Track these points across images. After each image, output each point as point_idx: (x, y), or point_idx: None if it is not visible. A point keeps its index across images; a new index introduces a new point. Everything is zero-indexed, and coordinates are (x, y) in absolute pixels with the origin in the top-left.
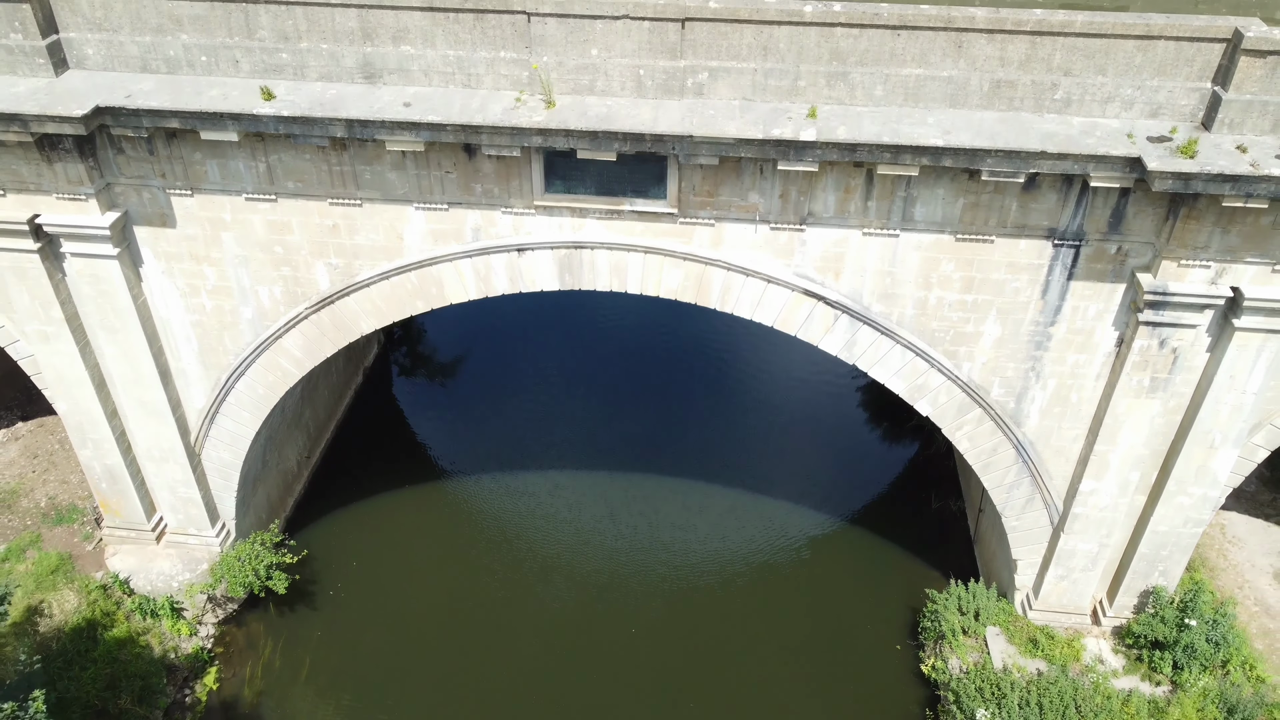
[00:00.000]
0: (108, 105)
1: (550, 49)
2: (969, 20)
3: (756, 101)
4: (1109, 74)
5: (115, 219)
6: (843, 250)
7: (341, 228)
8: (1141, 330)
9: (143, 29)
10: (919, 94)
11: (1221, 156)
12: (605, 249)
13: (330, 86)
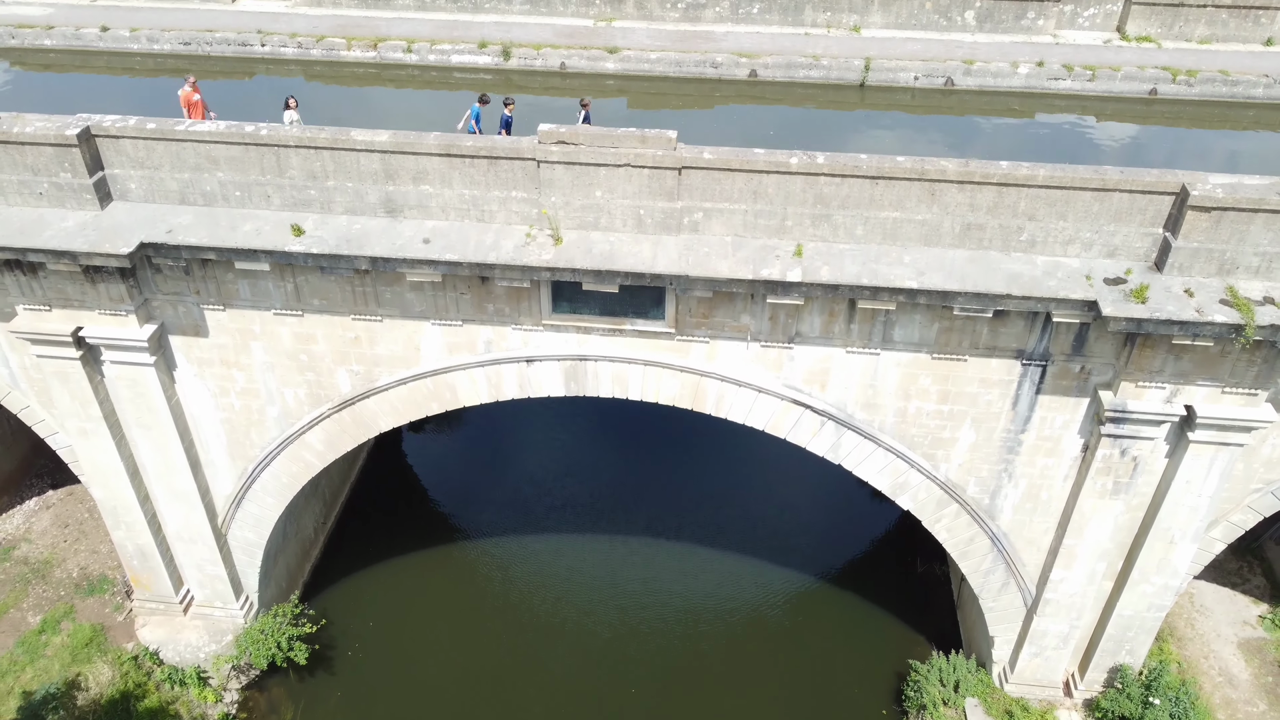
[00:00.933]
0: (150, 241)
1: (558, 190)
2: (941, 172)
3: (747, 238)
4: (1069, 219)
5: (153, 331)
6: (828, 365)
7: (363, 339)
8: (1104, 440)
9: (182, 167)
10: (896, 234)
11: (1171, 301)
12: (608, 361)
13: (355, 220)
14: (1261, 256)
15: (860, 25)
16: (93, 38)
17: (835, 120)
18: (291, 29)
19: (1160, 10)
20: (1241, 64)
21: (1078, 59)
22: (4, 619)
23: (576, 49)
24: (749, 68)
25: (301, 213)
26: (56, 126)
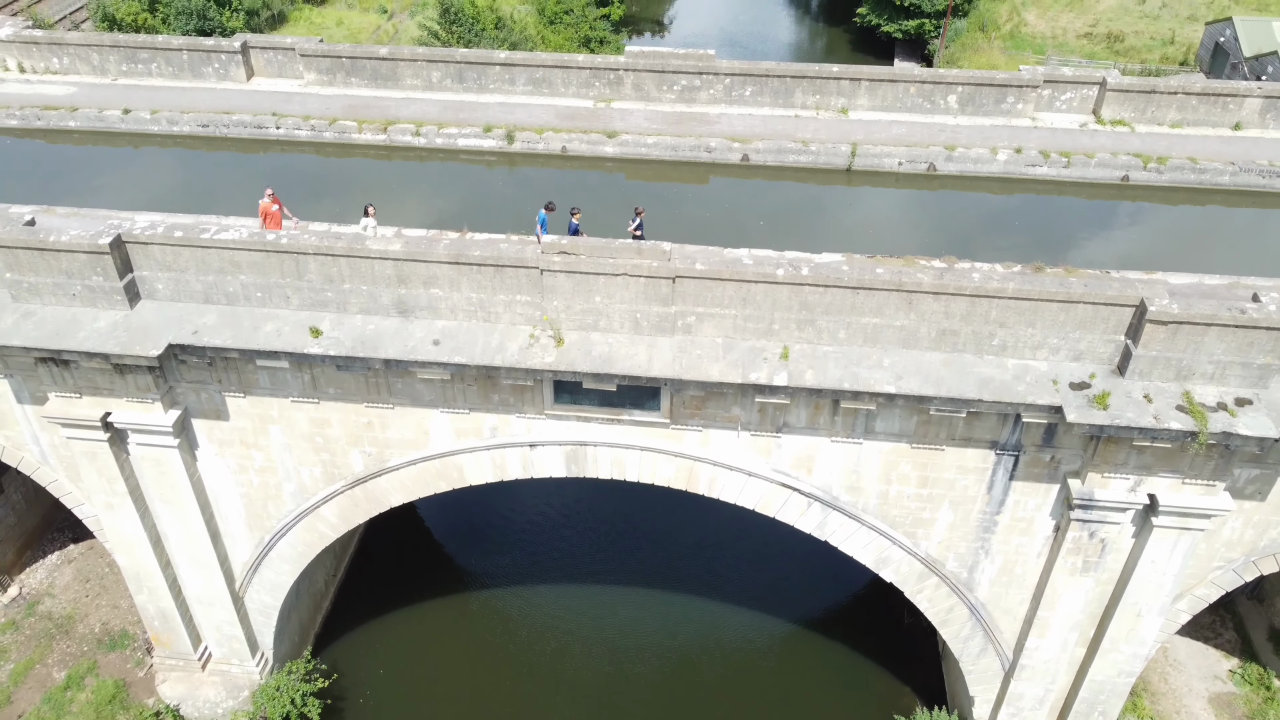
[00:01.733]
0: (178, 342)
1: (560, 295)
2: (917, 284)
3: (737, 340)
4: (1038, 327)
5: (177, 417)
6: (814, 452)
7: (375, 424)
8: (1074, 524)
9: (206, 270)
10: (876, 337)
11: (1131, 407)
12: (607, 447)
13: (369, 320)
14: (1216, 364)
15: (848, 108)
16: (115, 119)
17: (825, 197)
18: (305, 110)
19: (1134, 96)
20: (1211, 149)
21: (1055, 144)
22: (30, 675)
23: (577, 132)
24: (741, 152)
25: (319, 312)
26: (90, 235)
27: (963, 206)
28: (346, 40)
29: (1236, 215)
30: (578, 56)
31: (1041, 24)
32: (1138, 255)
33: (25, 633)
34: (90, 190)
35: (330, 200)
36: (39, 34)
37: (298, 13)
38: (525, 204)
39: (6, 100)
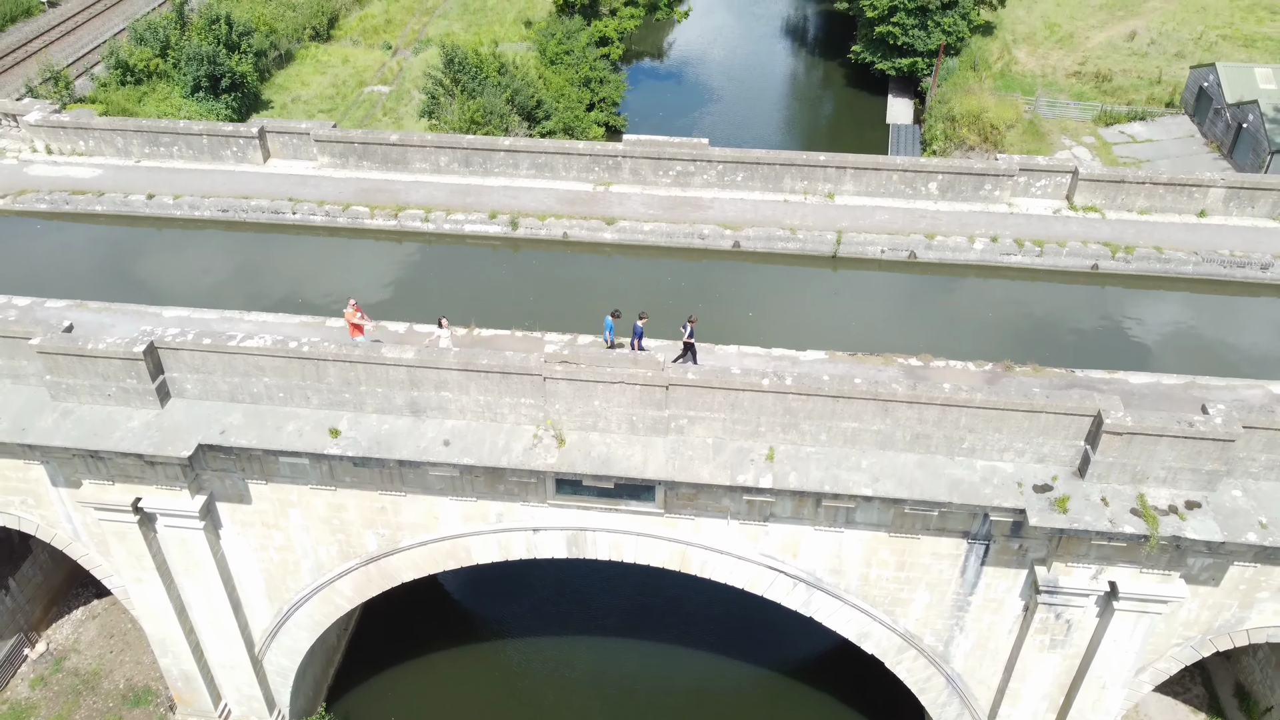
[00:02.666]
0: (206, 443)
1: (561, 399)
2: (892, 394)
3: (727, 440)
4: (1004, 432)
5: (203, 502)
6: (798, 539)
7: (388, 509)
8: (1041, 606)
9: (232, 373)
10: (855, 440)
11: (1089, 511)
12: (605, 532)
13: (384, 420)
14: (1168, 469)
15: (834, 193)
16: (140, 204)
17: (813, 282)
18: (320, 194)
19: (1104, 185)
20: (1176, 237)
21: (1029, 231)
22: None
23: (578, 219)
24: (733, 239)
25: (337, 411)
26: (125, 343)
27: (943, 292)
28: (352, 77)
29: (1200, 302)
30: (578, 144)
31: (1032, 62)
32: (1106, 343)
33: (54, 689)
34: (118, 274)
35: (347, 283)
36: (66, 119)
37: (304, 51)
38: (530, 290)
39: (36, 183)
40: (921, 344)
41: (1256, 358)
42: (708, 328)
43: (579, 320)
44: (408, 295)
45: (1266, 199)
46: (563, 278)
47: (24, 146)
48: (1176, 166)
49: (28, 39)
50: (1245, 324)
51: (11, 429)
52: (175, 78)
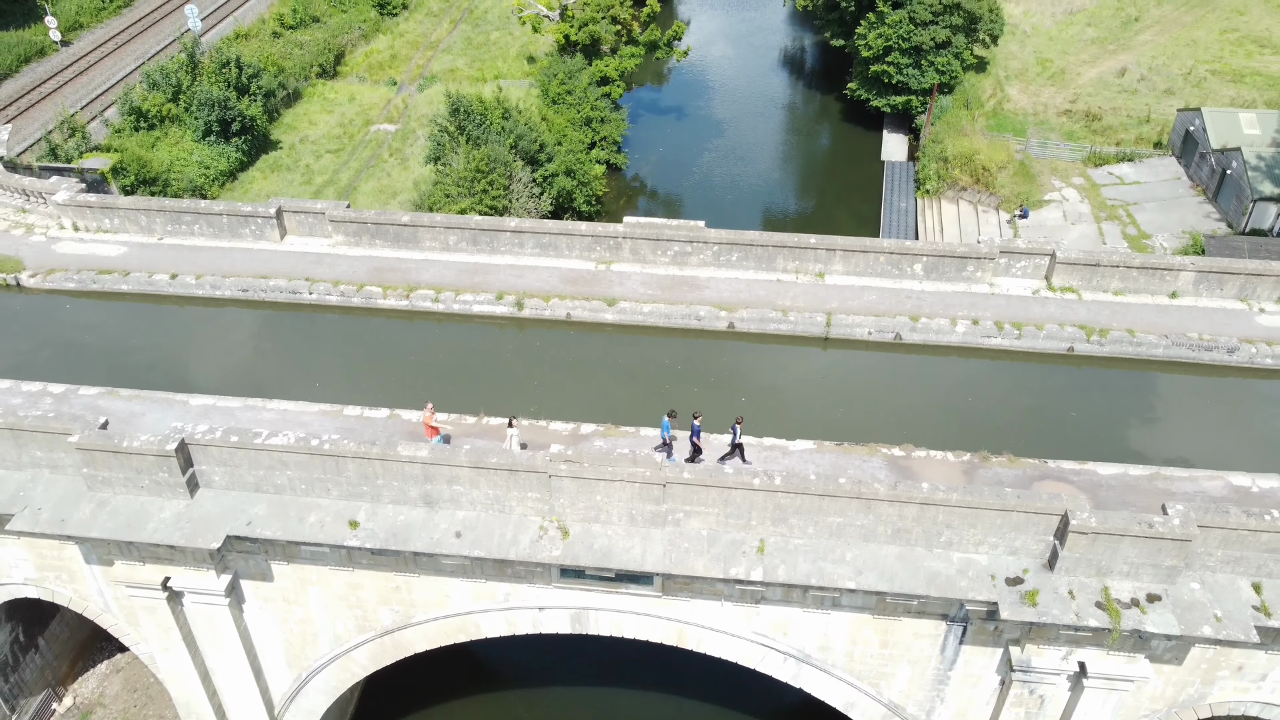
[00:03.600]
0: (234, 534)
1: (565, 495)
2: (874, 493)
3: (720, 532)
4: (979, 528)
5: (228, 581)
6: (788, 619)
7: (402, 588)
8: (1016, 682)
9: (258, 466)
10: (840, 533)
11: (1056, 604)
12: (606, 612)
13: (400, 511)
14: (1130, 564)
15: (824, 272)
16: (164, 283)
17: (804, 362)
18: (335, 274)
19: (1080, 268)
20: (1148, 319)
21: (1009, 313)
22: None
23: (580, 299)
24: (728, 320)
25: (356, 502)
26: (158, 441)
27: (927, 374)
28: (358, 115)
29: (1169, 384)
30: (580, 225)
31: (1024, 99)
32: (1079, 428)
33: None
34: (146, 354)
35: (363, 360)
36: (92, 198)
37: (312, 89)
38: (535, 371)
39: (65, 261)
40: (905, 429)
41: (1219, 444)
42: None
43: (583, 403)
44: (421, 375)
45: (1234, 282)
46: (566, 359)
47: (52, 223)
48: (1163, 209)
49: (42, 79)
50: (1210, 408)
51: (52, 520)
52: (187, 121)
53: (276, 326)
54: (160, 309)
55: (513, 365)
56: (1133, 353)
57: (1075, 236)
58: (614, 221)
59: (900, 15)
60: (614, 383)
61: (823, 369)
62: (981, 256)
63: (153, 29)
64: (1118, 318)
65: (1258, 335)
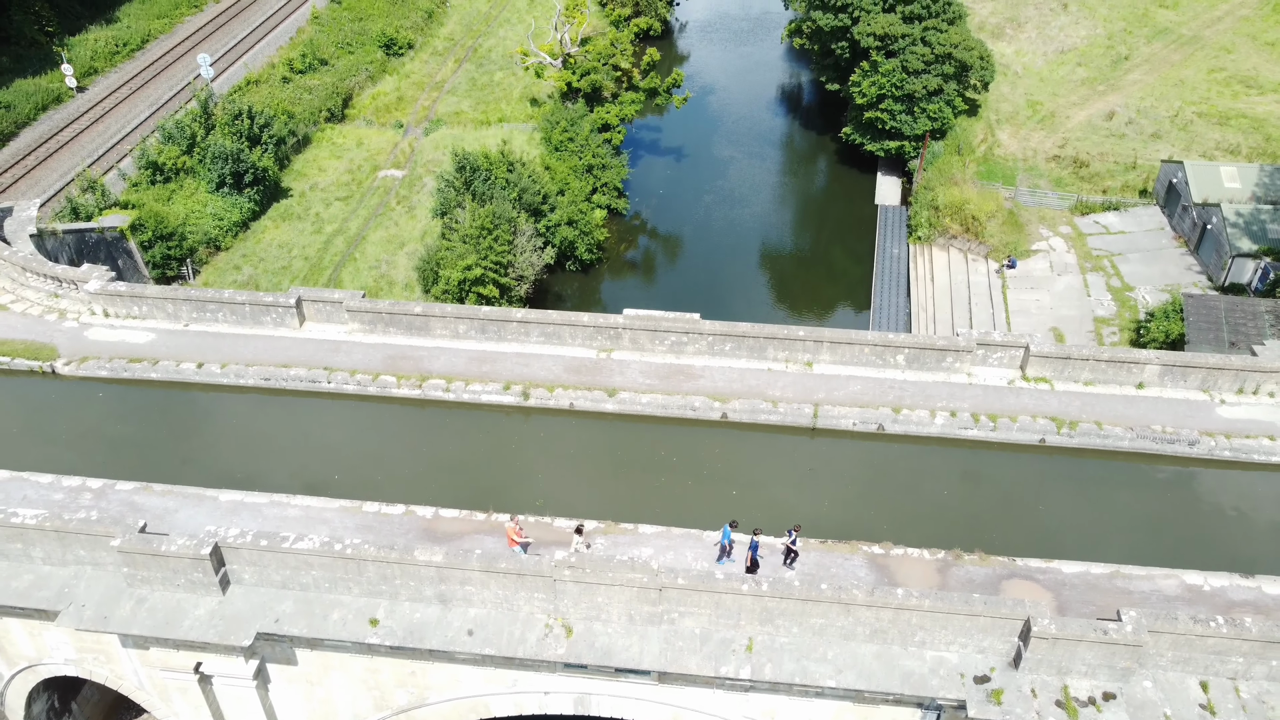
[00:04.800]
0: (263, 631)
1: (569, 597)
2: (853, 599)
3: (713, 630)
4: (949, 629)
5: (256, 666)
6: (775, 706)
7: (418, 673)
8: None
9: (284, 567)
10: (823, 632)
11: (1019, 702)
12: (608, 696)
13: (416, 608)
14: (1088, 665)
15: (812, 362)
16: (190, 372)
17: (793, 452)
18: (351, 362)
19: (1053, 361)
20: (1116, 411)
21: (985, 404)
22: None
23: (582, 389)
24: (721, 411)
25: (375, 599)
26: (193, 545)
27: (907, 465)
28: (366, 161)
29: (1133, 476)
30: (583, 316)
31: (1014, 144)
32: (1048, 521)
33: None
34: (177, 443)
35: (379, 450)
36: (122, 288)
37: (320, 134)
38: (541, 460)
39: (97, 349)
40: (886, 522)
41: (1178, 537)
42: (697, 507)
43: (585, 497)
44: (433, 466)
45: (1196, 375)
46: (569, 450)
47: (84, 309)
48: (1146, 260)
49: (59, 127)
50: (1170, 501)
51: (95, 618)
52: (201, 173)
53: (297, 415)
54: (188, 396)
55: (519, 456)
56: (1100, 444)
57: (1061, 288)
58: (615, 269)
59: (893, 64)
60: (614, 475)
61: (810, 461)
62: (960, 349)
63: (165, 73)
64: (1087, 409)
65: (1217, 428)
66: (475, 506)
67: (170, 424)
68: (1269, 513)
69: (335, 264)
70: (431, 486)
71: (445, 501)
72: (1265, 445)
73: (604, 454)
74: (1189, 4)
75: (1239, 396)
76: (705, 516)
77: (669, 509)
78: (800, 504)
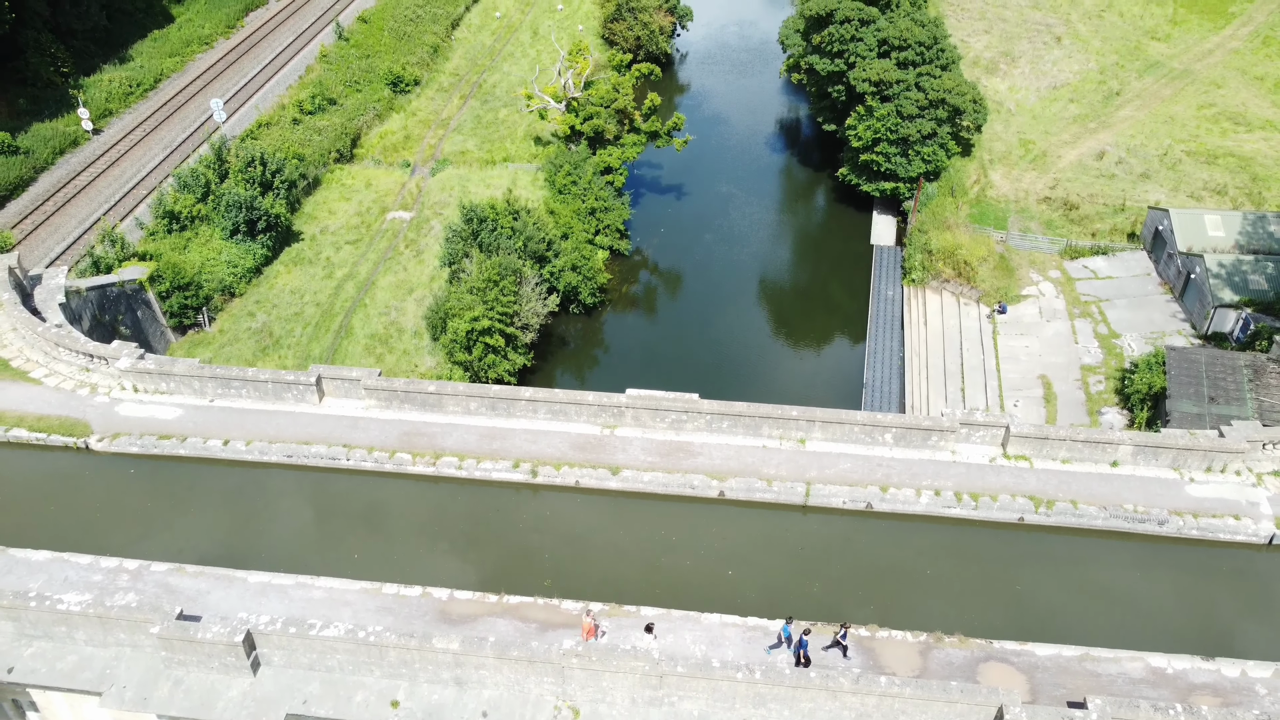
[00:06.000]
0: (292, 713)
1: (576, 681)
2: (839, 686)
3: (710, 713)
4: (929, 715)
5: None
6: None
7: None
8: None
9: (311, 651)
10: (811, 715)
11: None
12: None
13: (434, 690)
14: None
15: (805, 439)
16: (217, 449)
17: (786, 529)
18: (369, 439)
19: (1032, 440)
20: (1091, 489)
21: (967, 483)
22: None
23: (587, 466)
24: (718, 489)
25: (396, 681)
26: (227, 632)
27: (894, 541)
28: (374, 203)
29: (1106, 552)
30: (588, 395)
31: (1006, 185)
32: (1025, 598)
33: None
34: (205, 519)
35: (396, 526)
36: (151, 365)
37: (330, 175)
38: (547, 540)
39: (128, 425)
40: (873, 601)
41: (1145, 616)
42: (696, 588)
43: (590, 577)
44: (447, 544)
45: (1167, 454)
46: (575, 529)
47: (114, 384)
48: (1132, 307)
49: (76, 171)
50: (1139, 580)
51: (135, 699)
52: (216, 220)
53: (319, 492)
54: (215, 471)
55: (528, 535)
56: (1075, 523)
57: (1050, 334)
58: (618, 309)
59: (888, 109)
60: (618, 555)
61: (802, 539)
62: (944, 429)
63: (178, 114)
64: (1064, 487)
65: (1185, 507)
66: (488, 587)
67: (199, 500)
68: (1229, 592)
69: (346, 310)
70: (447, 565)
71: (459, 580)
72: (1230, 524)
73: (608, 533)
74: (1180, 36)
75: (1207, 475)
76: (703, 598)
77: (670, 590)
78: (792, 584)
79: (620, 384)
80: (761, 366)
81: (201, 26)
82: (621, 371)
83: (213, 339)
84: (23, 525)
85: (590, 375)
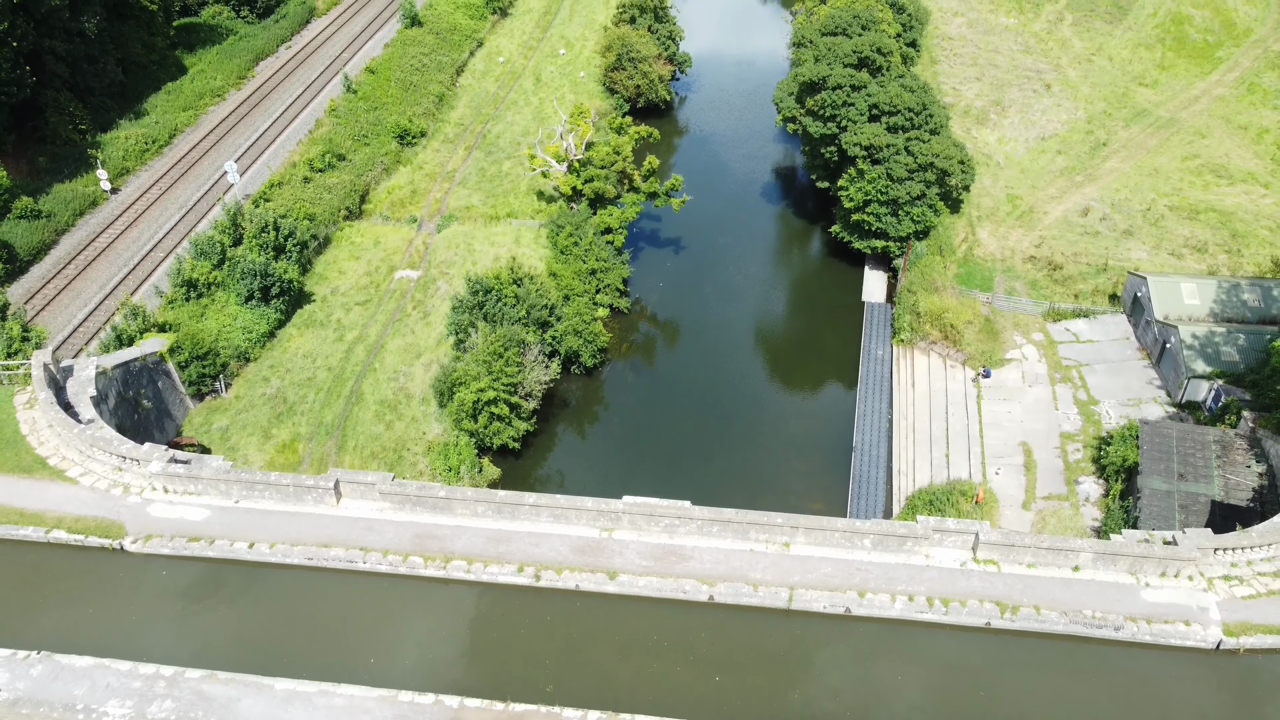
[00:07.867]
0: None
1: None
2: None
3: None
4: None
5: None
6: None
7: None
8: None
9: None
10: None
11: None
12: None
13: None
14: None
15: (789, 543)
16: (243, 550)
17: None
18: (384, 542)
19: (999, 546)
20: (1053, 594)
21: (939, 587)
22: None
23: (586, 570)
24: (708, 593)
25: None
26: None
27: (869, 646)
28: (383, 261)
29: (1066, 656)
30: (587, 501)
31: (993, 243)
32: (988, 705)
33: None
34: (234, 623)
35: (409, 630)
36: (180, 469)
37: (340, 234)
38: (549, 644)
39: (160, 526)
40: (849, 710)
41: None
42: (686, 693)
43: (588, 681)
44: (455, 649)
45: (1125, 561)
46: (574, 633)
47: (146, 484)
48: (1111, 372)
49: (95, 233)
50: (1096, 686)
51: None
52: (231, 285)
53: (337, 594)
54: (241, 572)
55: (531, 639)
56: (1037, 628)
57: (1031, 400)
58: (617, 370)
59: (879, 171)
60: (614, 660)
61: (784, 644)
62: (919, 536)
63: (193, 170)
64: (1029, 592)
65: (1140, 613)
66: (495, 693)
67: (228, 602)
68: (1177, 696)
69: (356, 375)
70: (456, 669)
71: (468, 684)
72: (1180, 630)
73: (606, 636)
74: (1168, 82)
75: (1162, 580)
76: (693, 705)
77: (663, 695)
78: (774, 690)
79: (620, 445)
80: (757, 425)
81: (214, 78)
82: (621, 433)
83: (229, 405)
84: (65, 627)
85: (591, 435)
